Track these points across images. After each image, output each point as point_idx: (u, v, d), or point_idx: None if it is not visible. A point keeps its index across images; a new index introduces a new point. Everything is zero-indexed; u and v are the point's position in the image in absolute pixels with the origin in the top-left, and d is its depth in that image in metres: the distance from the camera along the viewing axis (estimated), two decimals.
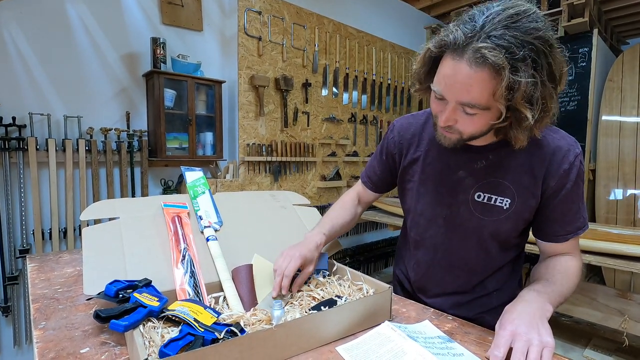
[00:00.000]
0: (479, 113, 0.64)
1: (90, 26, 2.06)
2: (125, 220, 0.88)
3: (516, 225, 0.81)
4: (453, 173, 0.84)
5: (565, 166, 0.75)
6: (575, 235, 0.79)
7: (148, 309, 0.63)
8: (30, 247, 1.93)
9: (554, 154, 0.75)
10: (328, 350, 0.68)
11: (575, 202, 0.77)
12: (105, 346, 0.66)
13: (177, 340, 0.57)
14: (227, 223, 0.98)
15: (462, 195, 0.83)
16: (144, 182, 2.22)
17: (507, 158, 0.78)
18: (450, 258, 0.89)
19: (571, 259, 0.81)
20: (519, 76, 0.57)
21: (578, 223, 0.79)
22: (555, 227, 0.80)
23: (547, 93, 0.61)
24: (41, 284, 0.99)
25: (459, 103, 0.65)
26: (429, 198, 0.89)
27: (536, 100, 0.59)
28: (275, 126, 2.68)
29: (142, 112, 2.26)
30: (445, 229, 0.87)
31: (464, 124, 0.68)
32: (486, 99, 0.61)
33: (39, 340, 0.68)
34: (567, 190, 0.76)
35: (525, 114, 0.60)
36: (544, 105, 0.61)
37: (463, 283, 0.91)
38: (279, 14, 2.64)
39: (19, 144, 1.84)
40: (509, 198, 0.78)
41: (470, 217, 0.83)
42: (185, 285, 0.77)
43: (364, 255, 3.38)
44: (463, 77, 0.61)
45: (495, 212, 0.80)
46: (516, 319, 0.62)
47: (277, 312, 0.71)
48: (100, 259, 0.78)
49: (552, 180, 0.76)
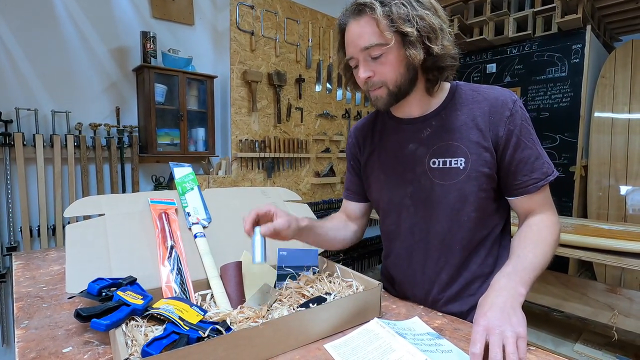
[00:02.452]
0: (383, 51, 0.74)
1: (78, 19, 2.02)
2: (111, 217, 0.86)
3: (479, 184, 0.80)
4: (404, 149, 0.87)
5: (506, 113, 0.77)
6: (544, 182, 0.78)
7: (131, 307, 0.62)
8: (18, 244, 1.89)
9: (492, 104, 0.79)
10: (316, 347, 0.67)
11: (531, 147, 0.78)
12: (89, 345, 0.65)
13: (160, 339, 0.56)
14: (216, 220, 0.97)
15: (419, 167, 0.85)
16: (134, 178, 2.20)
17: (450, 120, 0.82)
18: (427, 238, 0.87)
19: (545, 217, 0.80)
20: (388, 5, 0.71)
21: (543, 169, 0.78)
22: (520, 177, 0.79)
23: (422, 13, 0.72)
24: (26, 282, 0.97)
25: (362, 50, 0.75)
26: (391, 181, 0.90)
27: (411, 18, 0.71)
28: (268, 122, 2.66)
29: (132, 108, 2.23)
30: (414, 207, 0.87)
31: (380, 70, 0.76)
32: (377, 33, 0.73)
33: (20, 340, 0.67)
34: (517, 135, 0.77)
35: (405, 29, 0.71)
36: (424, 22, 0.72)
37: (445, 266, 0.86)
38: (272, 8, 2.61)
39: (5, 139, 1.80)
40: (462, 157, 0.80)
41: (432, 186, 0.83)
42: (171, 283, 0.76)
43: (358, 252, 3.38)
44: (354, 30, 0.75)
45: (454, 174, 0.81)
46: (488, 312, 0.61)
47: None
48: (84, 256, 0.76)
49: (499, 129, 0.78)
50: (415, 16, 0.72)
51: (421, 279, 0.90)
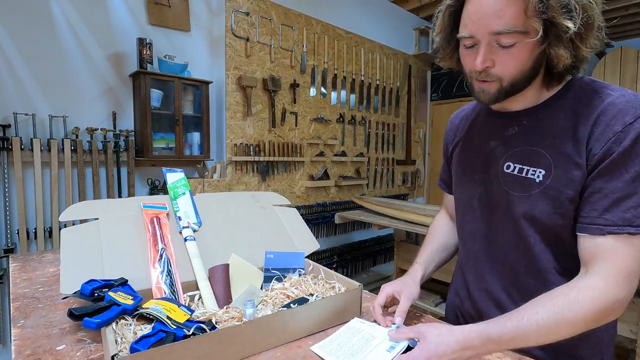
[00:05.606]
0: (517, 41, 0.58)
1: (76, 25, 2.06)
2: (105, 221, 0.90)
3: (555, 206, 0.64)
4: (485, 144, 0.75)
5: (617, 127, 0.58)
6: (619, 230, 0.57)
7: (122, 307, 0.66)
8: (15, 246, 1.93)
9: (603, 112, 0.60)
10: (297, 345, 0.71)
11: (625, 181, 0.57)
12: (82, 343, 0.69)
13: (149, 337, 0.60)
14: (207, 223, 1.01)
15: (493, 169, 0.73)
16: (130, 182, 2.23)
17: (546, 122, 0.66)
18: (490, 249, 0.75)
19: (599, 280, 0.58)
20: None
21: (628, 215, 0.57)
22: (588, 210, 0.60)
23: (587, 1, 0.55)
24: (22, 283, 1.00)
25: (493, 34, 0.59)
26: (465, 179, 0.80)
27: (574, 6, 0.53)
28: (263, 126, 2.70)
29: (128, 112, 2.27)
30: (480, 211, 0.76)
31: (502, 62, 0.61)
32: (520, 18, 0.56)
33: (16, 338, 0.70)
34: (614, 159, 0.58)
35: (563, 23, 0.54)
36: (585, 15, 0.54)
37: (507, 284, 0.74)
38: (267, 14, 2.66)
39: (3, 143, 1.84)
40: (543, 169, 0.65)
41: (500, 193, 0.71)
42: (161, 284, 0.80)
43: (352, 254, 3.42)
44: (490, 4, 0.57)
45: (527, 185, 0.66)
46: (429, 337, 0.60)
47: (250, 310, 0.74)
48: (78, 259, 0.80)
49: (596, 146, 0.59)
50: (578, 5, 0.54)
51: (477, 293, 0.79)
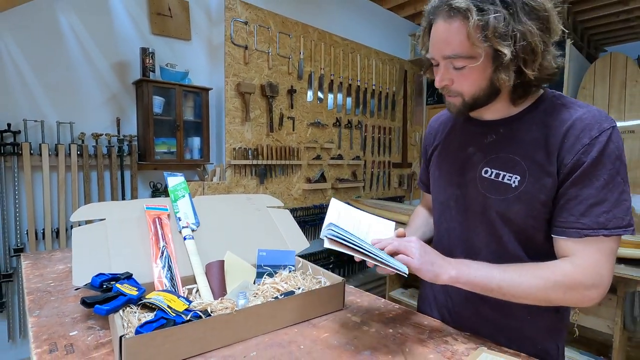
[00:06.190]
0: (467, 64, 0.66)
1: (82, 36, 2.16)
2: (111, 222, 0.98)
3: (528, 209, 0.70)
4: (463, 150, 0.81)
5: (584, 140, 0.64)
6: (595, 233, 0.63)
7: (128, 297, 0.74)
8: (24, 246, 2.02)
9: (572, 126, 0.66)
10: (284, 332, 0.79)
11: (597, 188, 0.63)
12: (92, 330, 0.78)
13: (151, 323, 0.68)
14: (204, 224, 1.09)
15: (470, 173, 0.79)
16: (133, 184, 2.33)
17: (521, 132, 0.73)
18: (464, 246, 0.82)
19: (569, 264, 0.65)
20: (486, 14, 0.61)
21: (601, 219, 0.63)
22: (565, 215, 0.66)
23: (526, 29, 0.61)
24: (35, 279, 1.09)
25: (445, 58, 0.68)
26: (442, 180, 0.87)
27: (511, 36, 0.61)
28: (261, 131, 2.79)
29: (131, 118, 2.37)
30: (456, 211, 0.83)
31: (458, 82, 0.70)
32: (465, 45, 0.64)
33: (33, 326, 0.79)
34: (584, 170, 0.64)
35: (501, 50, 0.61)
36: (525, 42, 0.62)
37: None
38: (265, 23, 2.75)
39: (14, 149, 1.94)
40: (519, 175, 0.71)
41: (477, 195, 0.77)
42: (162, 278, 0.88)
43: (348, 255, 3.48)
44: (441, 33, 0.67)
45: (502, 189, 0.73)
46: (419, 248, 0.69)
47: (242, 301, 0.82)
48: (88, 255, 0.89)
49: (567, 157, 0.65)
50: (518, 32, 0.61)
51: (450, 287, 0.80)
